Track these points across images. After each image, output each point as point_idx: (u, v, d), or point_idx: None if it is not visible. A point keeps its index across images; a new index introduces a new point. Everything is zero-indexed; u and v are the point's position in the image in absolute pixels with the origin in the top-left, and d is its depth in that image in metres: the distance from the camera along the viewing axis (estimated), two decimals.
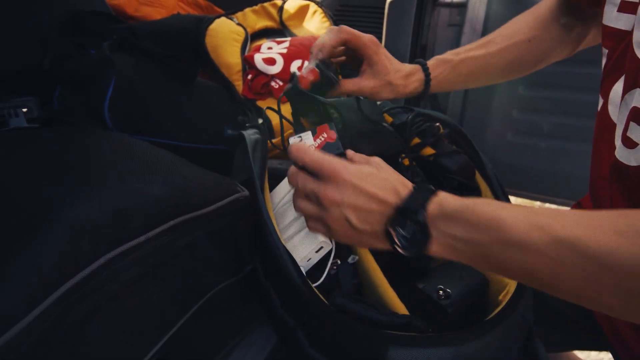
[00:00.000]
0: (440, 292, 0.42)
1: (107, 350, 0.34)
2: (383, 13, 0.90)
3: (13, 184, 0.35)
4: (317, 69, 0.47)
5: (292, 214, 0.51)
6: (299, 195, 0.37)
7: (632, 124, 0.34)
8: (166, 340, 0.39)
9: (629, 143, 0.34)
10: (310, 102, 0.50)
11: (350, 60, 0.55)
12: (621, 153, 0.35)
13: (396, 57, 0.94)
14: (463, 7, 0.84)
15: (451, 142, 0.63)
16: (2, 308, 0.26)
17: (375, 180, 0.34)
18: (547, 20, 0.54)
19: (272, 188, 0.55)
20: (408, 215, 0.31)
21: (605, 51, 0.41)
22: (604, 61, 0.42)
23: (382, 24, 0.93)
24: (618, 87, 0.38)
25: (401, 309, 0.41)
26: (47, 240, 0.30)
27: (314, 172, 0.36)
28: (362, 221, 0.33)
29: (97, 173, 0.38)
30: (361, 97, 0.56)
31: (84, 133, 0.47)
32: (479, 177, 0.60)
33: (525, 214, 0.26)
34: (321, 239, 0.46)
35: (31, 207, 0.33)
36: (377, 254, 0.48)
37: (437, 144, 0.63)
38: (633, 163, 0.34)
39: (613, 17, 0.38)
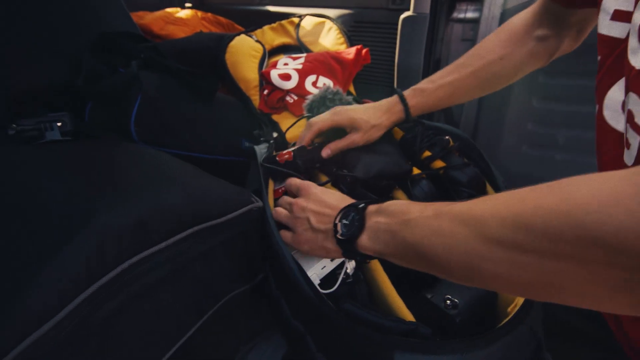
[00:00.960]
0: (448, 301, 0.42)
1: (128, 350, 0.36)
2: (396, 29, 0.93)
3: (47, 193, 0.38)
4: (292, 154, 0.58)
5: None
6: (280, 210, 0.47)
7: (627, 125, 0.34)
8: (182, 344, 0.42)
9: (627, 145, 0.35)
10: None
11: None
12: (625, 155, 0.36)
13: (410, 71, 0.96)
14: (476, 22, 0.85)
15: (462, 155, 0.64)
16: (36, 305, 0.29)
17: (332, 196, 0.45)
18: (520, 35, 0.56)
19: None
20: (352, 208, 0.40)
21: (599, 58, 0.41)
22: (600, 66, 0.42)
23: (395, 39, 0.95)
24: (612, 92, 0.38)
25: (408, 316, 0.42)
26: (77, 246, 0.33)
27: (295, 194, 0.48)
28: (318, 222, 0.42)
29: (123, 184, 0.41)
30: None
31: (111, 146, 0.51)
32: (490, 190, 0.61)
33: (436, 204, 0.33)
34: None
35: (63, 214, 0.36)
36: (387, 265, 0.50)
37: (447, 156, 0.64)
38: (629, 163, 0.35)
39: (606, 26, 0.39)
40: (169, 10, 1.26)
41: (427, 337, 0.39)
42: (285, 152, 0.59)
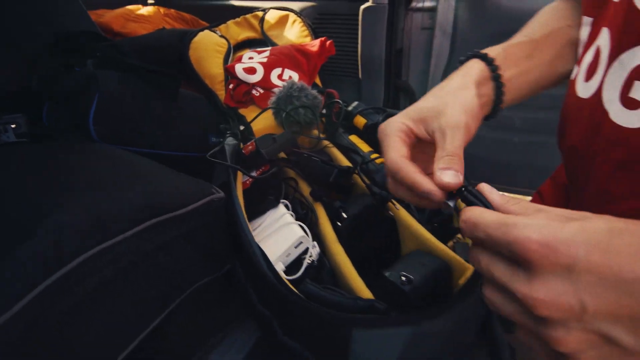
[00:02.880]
0: (403, 278, 0.45)
1: (89, 343, 0.37)
2: (358, 20, 0.94)
3: (1, 194, 0.38)
4: None
5: (272, 215, 0.55)
6: (488, 284, 0.24)
7: (636, 83, 0.30)
8: (147, 335, 0.42)
9: (631, 104, 0.30)
10: None
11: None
12: (620, 116, 0.31)
13: (373, 61, 0.98)
14: (433, 11, 0.88)
15: None
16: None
17: (629, 250, 0.19)
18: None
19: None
20: None
21: (588, 20, 0.38)
22: (588, 30, 0.38)
23: (357, 30, 0.96)
24: (589, 57, 0.36)
25: (367, 295, 0.44)
26: (32, 243, 0.33)
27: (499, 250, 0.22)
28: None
29: (78, 182, 0.41)
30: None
31: (69, 146, 0.50)
32: None
33: None
34: (300, 234, 0.50)
35: (18, 214, 0.36)
36: (348, 247, 0.52)
37: None
38: (637, 125, 0.29)
39: None
40: (130, 7, 1.23)
41: (384, 312, 0.41)
42: (249, 143, 0.60)
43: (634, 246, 0.19)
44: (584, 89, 0.36)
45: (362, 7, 0.91)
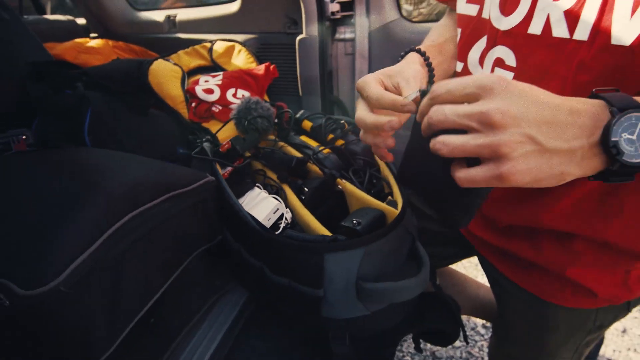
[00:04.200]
0: (355, 221, 0.63)
1: (133, 282, 0.49)
2: (295, 48, 1.16)
3: (53, 180, 0.50)
4: None
5: (251, 195, 0.70)
6: (451, 139, 0.31)
7: (497, 68, 0.48)
8: (162, 293, 0.55)
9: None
10: None
11: None
12: None
13: (309, 80, 1.19)
14: (353, 41, 1.13)
15: (354, 134, 0.88)
16: (77, 238, 0.42)
17: (544, 91, 0.31)
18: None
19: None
20: (628, 112, 0.29)
21: (460, 30, 0.58)
22: (459, 37, 0.58)
23: (295, 56, 1.18)
24: (472, 52, 0.54)
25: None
26: (92, 207, 0.46)
27: (463, 99, 0.31)
28: (554, 138, 0.29)
29: (106, 168, 0.54)
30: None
31: (82, 148, 0.62)
32: (377, 158, 0.85)
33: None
34: (275, 202, 0.66)
35: (72, 188, 0.48)
36: (311, 212, 0.69)
37: (345, 136, 0.87)
38: None
39: (463, 7, 0.56)
40: (78, 40, 1.31)
41: (344, 241, 0.59)
42: (225, 142, 0.75)
43: (544, 91, 0.31)
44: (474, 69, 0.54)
45: (298, 38, 1.13)
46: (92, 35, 1.54)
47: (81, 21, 1.52)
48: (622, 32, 0.38)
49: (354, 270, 0.58)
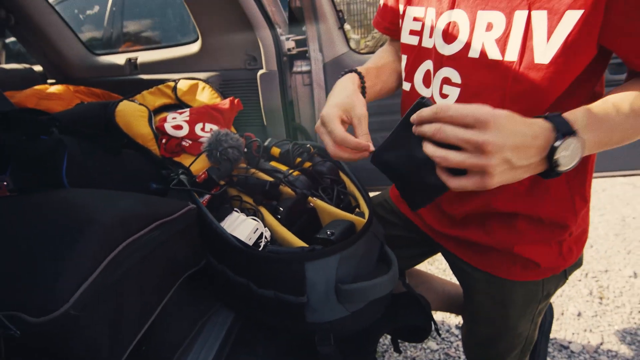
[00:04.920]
0: (329, 232, 0.70)
1: (132, 302, 0.53)
2: (257, 82, 1.25)
3: (42, 219, 0.53)
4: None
5: (230, 219, 0.75)
6: (450, 155, 0.43)
7: (445, 85, 0.61)
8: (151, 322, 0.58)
9: (443, 95, 0.61)
10: None
11: None
12: (439, 100, 0.62)
13: (272, 110, 1.28)
14: (310, 73, 1.24)
15: (320, 156, 0.96)
16: (78, 269, 0.46)
17: (524, 122, 0.43)
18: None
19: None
20: (573, 138, 0.42)
21: (405, 56, 0.70)
22: (404, 62, 0.70)
23: (257, 89, 1.27)
24: (418, 74, 0.67)
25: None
26: (89, 237, 0.50)
27: (460, 123, 0.42)
28: (521, 159, 0.42)
29: (95, 202, 0.58)
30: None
31: (64, 189, 0.65)
32: (342, 175, 0.94)
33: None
34: (254, 223, 0.72)
35: (71, 219, 0.51)
36: (290, 225, 0.75)
37: (311, 159, 0.95)
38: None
39: (406, 38, 0.68)
40: (37, 87, 1.32)
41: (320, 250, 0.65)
42: (201, 173, 0.80)
43: (519, 120, 0.43)
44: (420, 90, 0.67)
45: (259, 73, 1.22)
46: (50, 81, 1.55)
47: (38, 68, 1.53)
48: (541, 53, 0.50)
49: (332, 275, 0.64)
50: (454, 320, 1.66)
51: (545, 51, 0.50)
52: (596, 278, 1.86)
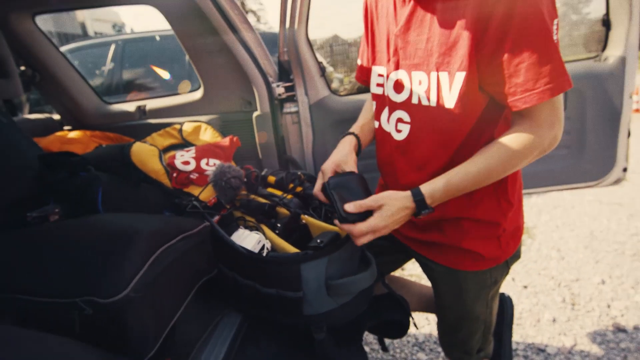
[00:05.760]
0: (319, 241, 0.86)
1: (167, 298, 0.68)
2: (252, 122, 1.45)
3: (94, 232, 0.69)
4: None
5: (236, 234, 0.92)
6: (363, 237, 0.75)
7: (399, 123, 0.83)
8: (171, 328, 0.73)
9: (398, 130, 0.84)
10: None
11: None
12: (396, 136, 0.85)
13: (267, 146, 1.47)
14: (297, 113, 1.44)
15: (309, 182, 1.14)
16: (130, 265, 0.62)
17: (396, 203, 0.74)
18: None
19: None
20: (423, 209, 0.74)
21: (374, 102, 0.93)
22: (374, 107, 0.93)
23: (252, 128, 1.46)
24: (383, 115, 0.88)
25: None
26: (139, 239, 0.65)
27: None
28: (396, 224, 0.74)
29: (134, 221, 0.74)
30: None
31: (106, 214, 0.81)
32: None
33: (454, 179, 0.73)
34: (258, 236, 0.88)
35: (117, 230, 0.67)
36: (286, 238, 0.92)
37: (302, 184, 1.13)
38: (400, 138, 0.84)
39: (374, 89, 0.90)
40: (58, 133, 1.49)
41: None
42: (211, 198, 0.97)
43: (393, 210, 0.74)
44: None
45: (255, 114, 1.43)
46: (66, 128, 1.73)
47: (56, 117, 1.71)
48: (448, 101, 0.71)
49: (322, 273, 0.80)
50: None
51: (449, 99, 0.72)
52: (568, 287, 2.02)
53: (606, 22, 1.26)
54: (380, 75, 0.88)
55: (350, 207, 0.74)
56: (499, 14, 0.63)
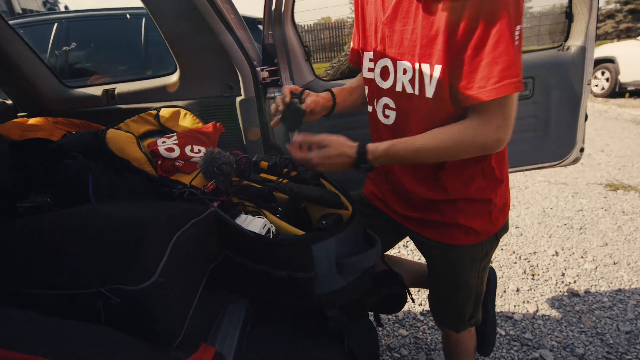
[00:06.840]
0: (324, 222, 0.88)
1: (186, 284, 0.66)
2: (236, 108, 1.41)
3: (106, 222, 0.65)
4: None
5: (239, 219, 0.90)
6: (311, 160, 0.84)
7: (386, 109, 0.88)
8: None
9: (385, 116, 0.88)
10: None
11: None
12: (384, 121, 0.89)
13: (252, 131, 1.43)
14: None
15: (302, 166, 1.14)
16: (154, 252, 0.59)
17: (340, 147, 0.82)
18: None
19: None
20: (362, 163, 0.81)
21: (366, 87, 0.96)
22: (367, 91, 0.96)
23: (235, 114, 1.42)
24: (374, 100, 0.91)
25: None
26: (156, 227, 0.63)
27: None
28: (333, 166, 0.83)
29: (142, 209, 0.71)
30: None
31: (105, 204, 0.76)
32: (323, 180, 1.12)
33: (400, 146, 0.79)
34: (263, 220, 0.87)
35: (136, 219, 0.64)
36: (290, 220, 0.92)
37: (296, 168, 1.13)
38: (388, 123, 0.88)
39: (365, 74, 0.93)
40: (16, 120, 1.36)
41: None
42: (209, 184, 0.94)
43: (333, 153, 0.85)
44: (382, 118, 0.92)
45: (238, 99, 1.39)
46: (20, 114, 1.57)
47: (9, 102, 1.55)
48: (428, 90, 0.76)
49: (333, 253, 0.82)
50: (418, 309, 1.88)
51: (429, 89, 0.78)
52: (527, 259, 2.21)
53: (569, 15, 1.37)
54: (371, 60, 0.90)
55: (299, 137, 0.86)
56: (468, 14, 0.69)
